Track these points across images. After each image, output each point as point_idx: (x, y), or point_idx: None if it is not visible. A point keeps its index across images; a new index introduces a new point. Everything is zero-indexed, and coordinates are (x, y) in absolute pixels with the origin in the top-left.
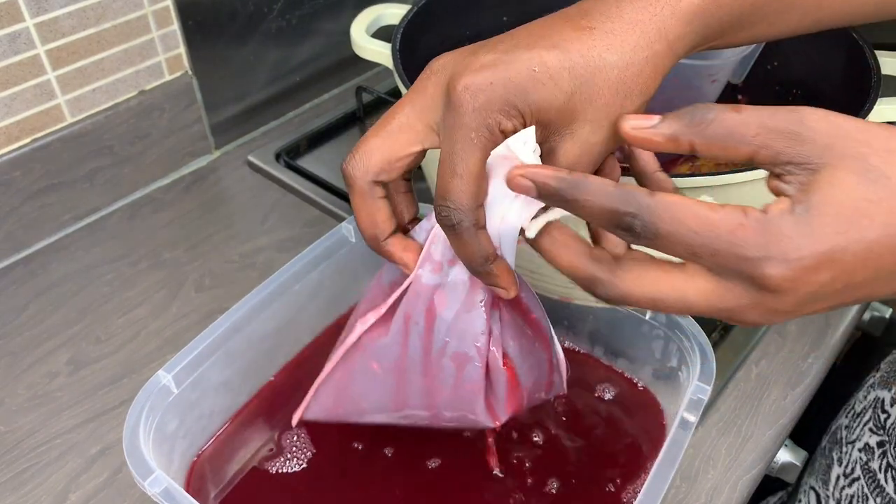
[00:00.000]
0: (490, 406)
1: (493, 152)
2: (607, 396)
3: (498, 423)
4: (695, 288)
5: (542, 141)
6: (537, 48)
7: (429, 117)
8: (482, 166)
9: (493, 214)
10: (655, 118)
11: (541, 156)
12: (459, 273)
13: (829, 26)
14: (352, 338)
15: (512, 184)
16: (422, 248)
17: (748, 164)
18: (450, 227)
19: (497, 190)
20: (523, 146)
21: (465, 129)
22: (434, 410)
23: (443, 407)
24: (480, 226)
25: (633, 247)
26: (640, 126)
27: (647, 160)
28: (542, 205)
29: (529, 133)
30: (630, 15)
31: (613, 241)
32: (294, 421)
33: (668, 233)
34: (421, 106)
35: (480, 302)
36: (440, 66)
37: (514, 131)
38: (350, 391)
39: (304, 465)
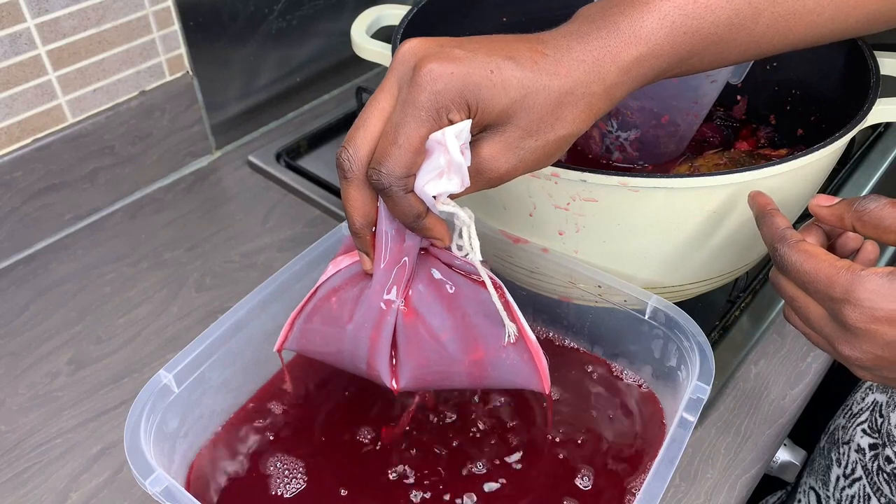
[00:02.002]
0: (393, 361)
1: (431, 136)
2: (606, 396)
3: (395, 386)
4: (814, 308)
5: (476, 132)
6: (496, 55)
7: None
8: (422, 143)
9: (418, 184)
10: (835, 200)
11: (471, 143)
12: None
13: (774, 54)
14: (323, 277)
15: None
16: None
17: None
18: (381, 190)
19: (425, 165)
20: (455, 139)
21: (417, 107)
22: (359, 357)
23: (362, 353)
24: (409, 190)
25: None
26: (820, 204)
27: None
28: (456, 189)
29: (464, 127)
30: (577, 54)
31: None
32: (275, 348)
33: (791, 265)
34: (395, 87)
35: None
36: (410, 49)
37: (458, 122)
38: (312, 324)
39: (304, 465)
